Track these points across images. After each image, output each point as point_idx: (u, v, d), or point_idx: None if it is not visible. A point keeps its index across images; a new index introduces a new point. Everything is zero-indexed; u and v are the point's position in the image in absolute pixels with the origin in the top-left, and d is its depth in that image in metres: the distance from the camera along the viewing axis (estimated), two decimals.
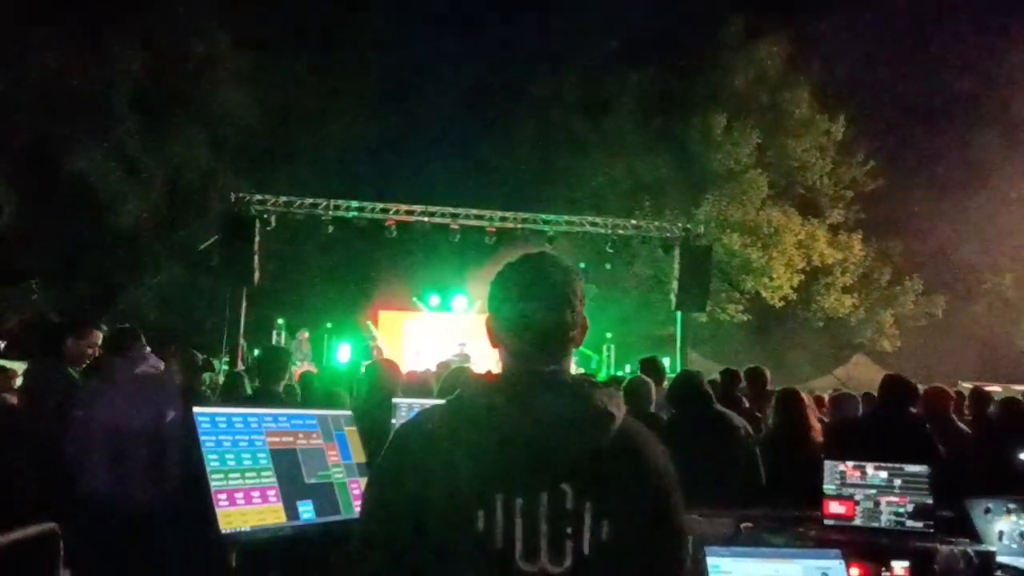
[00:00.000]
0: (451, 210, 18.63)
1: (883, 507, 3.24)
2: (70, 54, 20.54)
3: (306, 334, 17.61)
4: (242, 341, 17.12)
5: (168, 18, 22.68)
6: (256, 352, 15.70)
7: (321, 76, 26.05)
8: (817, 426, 6.10)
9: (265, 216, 17.52)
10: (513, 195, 25.50)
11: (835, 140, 27.92)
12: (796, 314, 27.65)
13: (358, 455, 2.77)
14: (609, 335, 21.41)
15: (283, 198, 17.85)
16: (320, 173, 25.74)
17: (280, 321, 19.54)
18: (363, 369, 7.29)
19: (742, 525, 3.34)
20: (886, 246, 28.57)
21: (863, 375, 22.45)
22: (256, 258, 17.00)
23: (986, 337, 28.19)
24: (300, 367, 14.22)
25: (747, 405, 8.45)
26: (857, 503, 3.27)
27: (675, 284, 19.43)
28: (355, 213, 18.19)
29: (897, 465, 3.29)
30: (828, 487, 3.35)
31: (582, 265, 22.53)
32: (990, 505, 3.27)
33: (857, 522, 3.28)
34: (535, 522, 1.55)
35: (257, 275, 16.93)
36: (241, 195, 17.51)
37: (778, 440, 5.83)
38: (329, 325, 20.93)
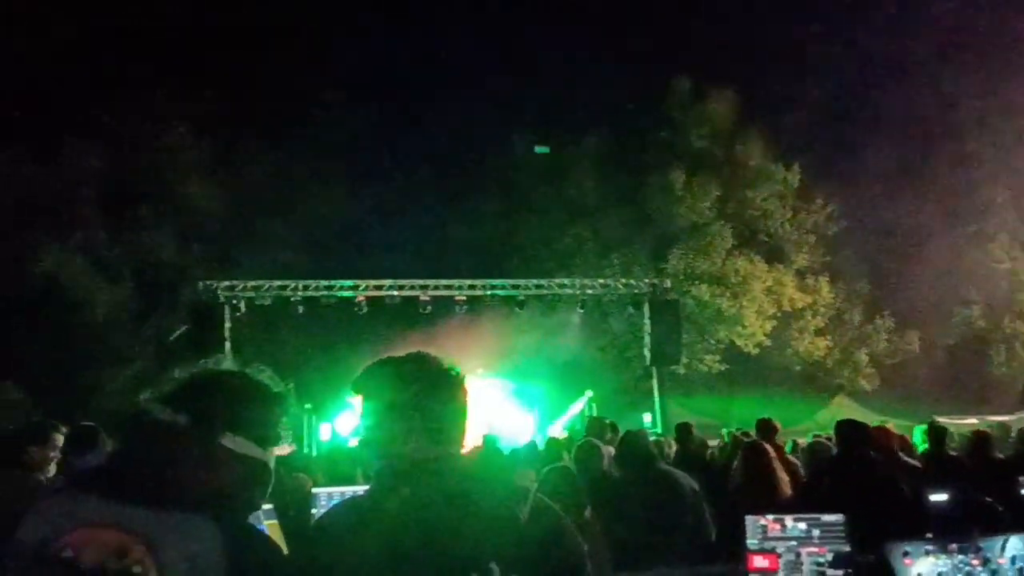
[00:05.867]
0: (420, 282, 18.80)
1: (804, 558, 3.31)
2: (30, 160, 20.78)
3: None
4: None
5: (127, 115, 23.02)
6: None
7: (283, 159, 26.42)
8: (785, 478, 6.19)
9: (234, 302, 17.58)
10: (481, 264, 25.70)
11: (792, 187, 28.55)
12: (773, 360, 27.83)
13: None
14: (590, 392, 21.41)
15: (251, 283, 17.93)
16: (288, 255, 25.89)
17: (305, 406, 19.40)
18: None
19: None
20: (854, 287, 29.00)
21: (846, 416, 22.43)
22: (227, 344, 16.99)
23: (960, 369, 28.48)
24: (281, 449, 14.24)
25: (716, 456, 8.51)
26: (779, 556, 3.35)
27: (647, 339, 19.57)
28: (324, 292, 18.29)
29: (814, 516, 3.38)
30: (751, 542, 3.42)
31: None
32: (908, 548, 3.35)
33: (781, 575, 3.36)
34: None
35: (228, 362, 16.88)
36: (208, 283, 17.58)
37: (745, 494, 5.93)
38: (308, 406, 20.78)
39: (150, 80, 23.30)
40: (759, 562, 3.38)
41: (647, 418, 20.10)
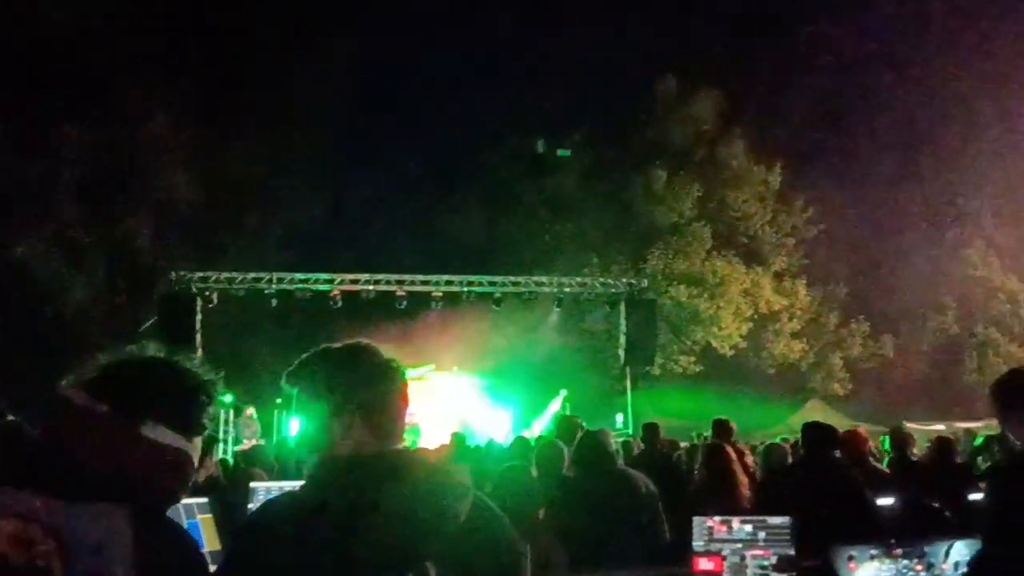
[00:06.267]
0: (396, 277, 18.74)
1: (748, 561, 3.30)
2: (6, 147, 20.50)
3: (251, 411, 17.39)
4: None
5: (108, 103, 22.76)
6: None
7: (265, 152, 26.20)
8: (744, 479, 6.21)
9: (207, 293, 17.45)
10: (463, 260, 25.70)
11: (773, 189, 28.68)
12: (748, 362, 27.95)
13: (211, 543, 2.79)
14: (564, 392, 21.42)
15: (224, 274, 17.81)
16: (267, 247, 25.73)
17: (227, 399, 19.24)
18: None
19: None
20: (831, 290, 29.18)
21: (819, 420, 22.53)
22: (199, 336, 16.87)
23: (933, 375, 28.74)
24: (247, 444, 14.41)
25: (684, 456, 8.54)
26: (724, 558, 3.33)
27: (623, 339, 19.60)
28: (299, 286, 18.18)
29: (760, 518, 3.37)
30: (697, 543, 3.40)
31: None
32: (853, 552, 3.34)
33: None
34: None
35: (200, 353, 16.76)
36: (181, 273, 17.44)
37: (705, 494, 5.95)
38: (279, 400, 20.65)
39: (132, 68, 23.02)
40: (704, 564, 3.37)
41: (620, 418, 20.15)
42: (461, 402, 20.32)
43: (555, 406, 19.83)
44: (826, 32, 30.63)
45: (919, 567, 3.37)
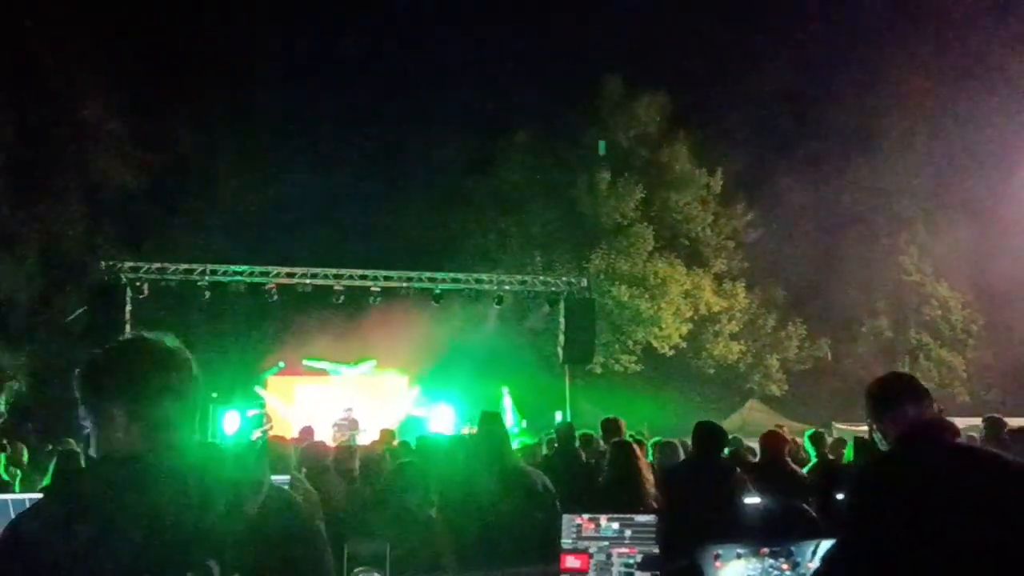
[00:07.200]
0: (334, 271, 18.51)
1: (615, 559, 3.29)
2: None
3: None
4: None
5: (43, 83, 22.12)
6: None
7: (207, 141, 25.72)
8: (650, 477, 6.26)
9: (137, 284, 17.05)
10: (407, 256, 25.55)
11: (715, 193, 29.03)
12: (688, 362, 28.26)
13: None
14: (506, 388, 21.45)
15: (156, 264, 17.42)
16: (205, 238, 25.27)
17: None
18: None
19: None
20: (769, 293, 29.63)
21: (757, 419, 22.91)
22: (128, 327, 16.46)
23: (867, 378, 29.29)
24: None
25: (583, 458, 8.61)
26: (591, 556, 3.33)
27: (561, 337, 19.65)
28: (234, 278, 17.87)
29: (627, 516, 3.37)
30: (565, 541, 3.39)
31: None
32: (719, 551, 3.37)
33: None
34: None
35: None
36: (111, 262, 17.02)
37: (613, 490, 6.00)
38: (215, 395, 20.25)
39: (67, 50, 22.38)
40: (571, 562, 3.36)
41: (559, 416, 20.23)
42: (402, 398, 20.24)
43: (507, 403, 19.93)
44: (770, 40, 31.16)
45: (785, 566, 3.41)
